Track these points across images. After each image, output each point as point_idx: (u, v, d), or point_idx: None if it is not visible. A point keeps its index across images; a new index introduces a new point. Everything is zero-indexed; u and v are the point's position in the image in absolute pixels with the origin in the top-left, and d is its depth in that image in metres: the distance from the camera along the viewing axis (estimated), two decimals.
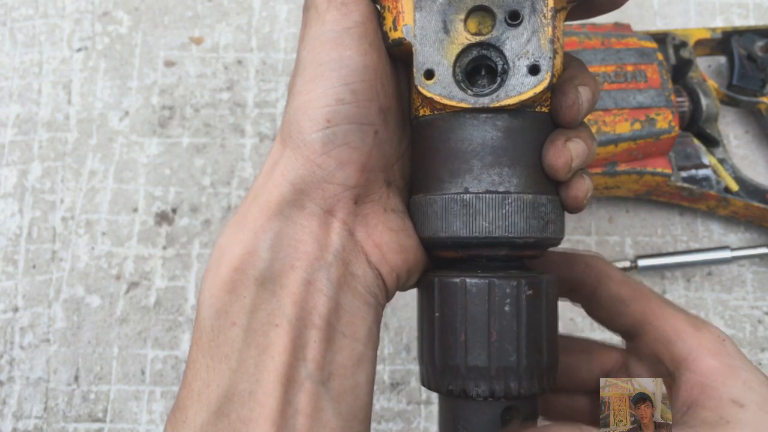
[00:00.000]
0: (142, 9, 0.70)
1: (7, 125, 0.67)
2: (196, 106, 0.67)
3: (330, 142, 0.30)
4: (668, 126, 0.57)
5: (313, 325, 0.29)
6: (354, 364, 0.30)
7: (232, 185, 0.65)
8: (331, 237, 0.30)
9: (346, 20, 0.30)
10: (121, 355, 0.61)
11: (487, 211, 0.30)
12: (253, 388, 0.28)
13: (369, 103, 0.30)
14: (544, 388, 0.32)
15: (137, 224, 0.64)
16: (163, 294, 0.62)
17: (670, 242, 0.63)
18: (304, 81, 0.30)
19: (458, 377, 0.31)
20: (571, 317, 0.61)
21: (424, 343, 0.33)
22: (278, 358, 0.28)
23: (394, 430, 0.59)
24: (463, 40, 0.30)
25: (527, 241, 0.31)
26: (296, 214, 0.30)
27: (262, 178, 0.31)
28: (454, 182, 0.31)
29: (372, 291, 0.31)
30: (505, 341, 0.31)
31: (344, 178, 0.30)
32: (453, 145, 0.31)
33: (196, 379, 0.29)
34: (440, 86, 0.30)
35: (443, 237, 0.31)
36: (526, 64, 0.30)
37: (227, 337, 0.29)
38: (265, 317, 0.29)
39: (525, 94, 0.30)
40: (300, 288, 0.29)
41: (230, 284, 0.29)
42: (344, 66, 0.30)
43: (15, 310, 0.63)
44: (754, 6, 0.71)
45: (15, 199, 0.65)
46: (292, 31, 0.69)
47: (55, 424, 0.60)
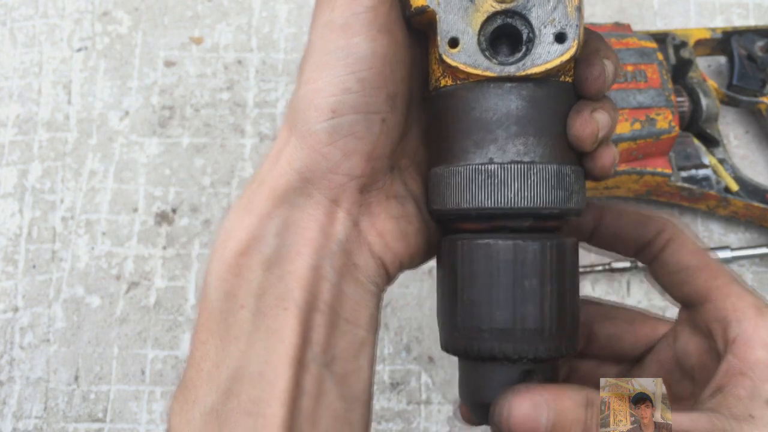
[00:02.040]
0: (142, 9, 0.70)
1: (7, 125, 0.67)
2: (196, 106, 0.67)
3: (335, 132, 0.29)
4: (668, 126, 0.57)
5: (318, 310, 0.30)
6: (356, 348, 0.30)
7: (232, 185, 0.65)
8: (336, 227, 0.31)
9: (356, 5, 0.30)
10: (121, 355, 0.61)
11: (513, 181, 0.30)
12: (263, 369, 0.29)
13: (377, 90, 0.30)
14: (564, 352, 0.32)
15: (137, 224, 0.64)
16: (163, 294, 0.62)
17: None
18: (311, 69, 0.30)
19: (481, 338, 0.31)
20: None
21: (447, 306, 0.33)
22: (287, 340, 0.29)
23: (394, 430, 0.59)
24: (488, 7, 0.30)
25: (552, 211, 0.31)
26: (303, 201, 0.30)
27: (268, 163, 0.31)
28: (478, 153, 0.31)
29: (373, 280, 0.32)
30: (530, 303, 0.30)
31: (350, 169, 0.30)
32: (477, 114, 0.31)
33: (206, 359, 0.29)
34: (465, 55, 0.30)
35: (467, 208, 0.31)
36: (552, 32, 0.30)
37: (236, 320, 0.29)
38: (273, 301, 0.29)
39: (552, 62, 0.30)
40: (307, 273, 0.30)
41: (236, 268, 0.29)
42: (351, 54, 0.29)
43: (15, 310, 0.63)
44: (754, 6, 0.71)
45: (15, 199, 0.65)
46: (292, 31, 0.69)
47: (55, 424, 0.60)
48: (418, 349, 0.61)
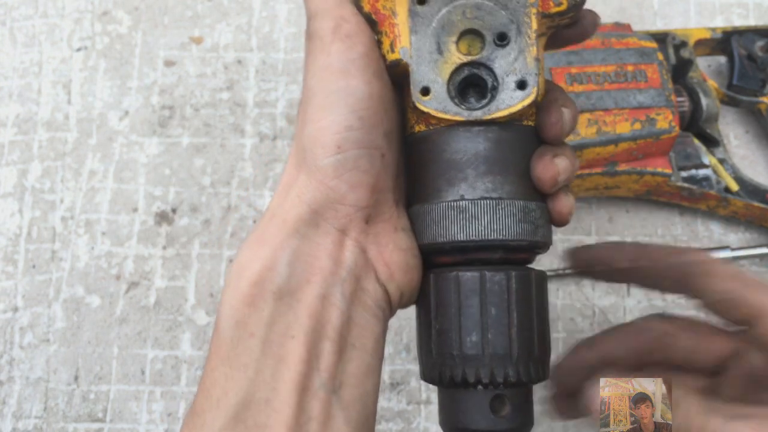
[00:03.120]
0: (142, 9, 0.70)
1: (6, 125, 0.67)
2: (196, 105, 0.67)
3: (341, 166, 0.32)
4: (668, 126, 0.57)
5: (326, 337, 0.31)
6: (363, 374, 0.32)
7: (232, 185, 0.65)
8: (345, 254, 0.32)
9: (351, 52, 0.32)
10: (121, 355, 0.61)
11: (483, 215, 0.33)
12: (269, 396, 0.30)
13: (375, 128, 0.32)
14: (534, 377, 0.33)
15: (137, 224, 0.64)
16: (163, 294, 0.62)
17: (670, 242, 0.63)
18: (315, 109, 0.32)
19: (453, 364, 0.33)
20: (571, 317, 0.61)
21: (422, 336, 0.35)
22: (294, 367, 0.30)
23: (394, 430, 0.59)
24: (455, 59, 0.33)
25: (520, 243, 0.33)
26: (312, 232, 0.32)
27: (278, 198, 0.33)
28: (450, 190, 0.33)
29: (380, 305, 0.33)
30: (497, 329, 0.32)
31: (356, 200, 0.32)
32: (448, 156, 0.33)
33: (215, 386, 0.30)
34: (436, 102, 0.33)
35: (441, 242, 0.33)
36: (514, 80, 0.33)
37: (246, 348, 0.30)
38: (282, 329, 0.31)
39: (515, 106, 0.32)
40: (315, 302, 0.31)
41: (249, 297, 0.31)
42: (351, 95, 0.32)
43: (15, 310, 0.63)
44: (754, 6, 0.71)
45: (15, 199, 0.65)
46: (292, 30, 0.69)
47: (54, 424, 0.60)
48: None
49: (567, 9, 0.33)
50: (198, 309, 0.62)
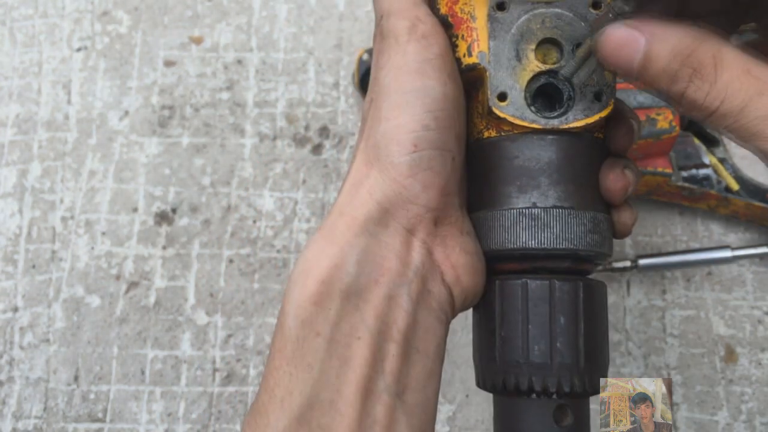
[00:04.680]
0: (142, 9, 0.70)
1: (6, 125, 0.67)
2: (196, 105, 0.67)
3: (416, 165, 0.31)
4: (669, 126, 0.57)
5: (392, 339, 0.31)
6: (425, 378, 0.32)
7: (232, 185, 0.65)
8: (412, 255, 0.32)
9: (427, 52, 0.32)
10: (121, 355, 0.61)
11: (555, 224, 0.33)
12: (334, 398, 0.29)
13: (448, 130, 0.32)
14: (597, 389, 0.33)
15: (137, 224, 0.64)
16: (162, 294, 0.62)
17: (670, 242, 0.63)
18: (390, 107, 0.32)
19: (519, 372, 0.33)
20: None
21: (483, 343, 0.35)
22: (359, 369, 0.30)
23: None
24: (534, 67, 0.33)
25: (589, 254, 0.33)
26: (381, 231, 0.32)
27: (346, 196, 0.33)
28: (522, 197, 0.33)
29: (444, 308, 0.33)
30: (564, 339, 0.32)
31: (427, 200, 0.32)
32: (521, 163, 0.34)
33: (279, 385, 0.30)
34: (513, 108, 0.33)
35: (511, 248, 0.33)
36: (591, 91, 0.33)
37: (311, 347, 0.30)
38: (348, 329, 0.30)
39: (592, 117, 0.33)
40: (382, 303, 0.31)
41: (317, 296, 0.30)
42: (428, 95, 0.32)
43: (15, 310, 0.63)
44: None
45: (15, 199, 0.65)
46: (292, 30, 0.69)
47: (54, 424, 0.60)
48: None
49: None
50: (198, 309, 0.62)
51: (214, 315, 0.62)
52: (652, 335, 0.60)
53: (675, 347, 0.60)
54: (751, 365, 0.59)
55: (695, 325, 0.60)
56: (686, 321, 0.60)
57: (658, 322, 0.61)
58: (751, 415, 0.58)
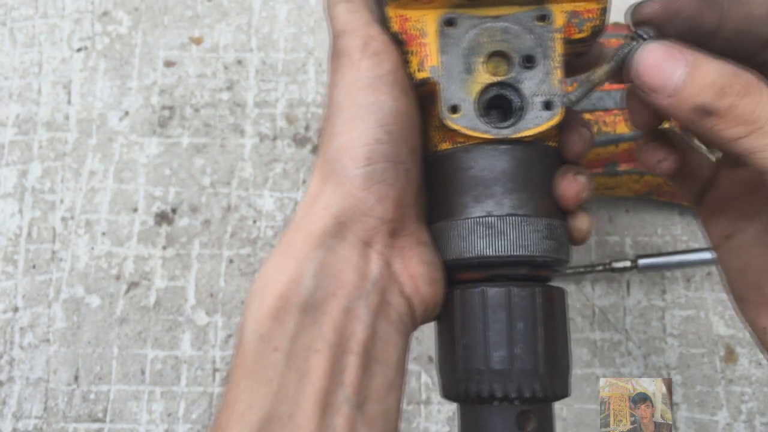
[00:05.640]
0: (142, 9, 0.70)
1: (6, 125, 0.67)
2: (196, 106, 0.67)
3: (370, 178, 0.32)
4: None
5: (351, 351, 0.31)
6: (386, 389, 0.32)
7: (232, 185, 0.65)
8: (370, 267, 0.32)
9: (379, 69, 0.33)
10: (121, 355, 0.61)
11: (510, 231, 0.33)
12: (293, 411, 0.30)
13: (402, 143, 0.33)
14: (558, 393, 0.33)
15: (137, 224, 0.64)
16: (163, 294, 0.62)
17: (670, 242, 0.63)
18: (343, 122, 0.33)
19: (480, 380, 0.33)
20: (571, 317, 0.61)
21: (446, 352, 0.35)
22: (318, 382, 0.30)
23: None
24: (484, 79, 0.34)
25: (546, 260, 0.34)
26: (338, 245, 0.32)
27: (303, 210, 0.33)
28: (477, 207, 0.34)
29: (404, 319, 0.33)
30: (524, 344, 0.33)
31: (382, 212, 0.32)
32: (475, 173, 0.34)
33: (238, 401, 0.30)
34: (465, 119, 0.34)
35: (468, 257, 0.34)
36: (541, 101, 0.34)
37: (269, 362, 0.30)
38: (306, 343, 0.30)
39: (542, 126, 0.34)
40: (340, 315, 0.31)
41: (275, 311, 0.31)
42: (380, 109, 0.32)
43: (15, 310, 0.63)
44: None
45: (15, 199, 0.65)
46: (292, 31, 0.69)
47: (55, 424, 0.60)
48: (418, 349, 0.61)
49: (588, 36, 0.34)
50: (198, 309, 0.62)
51: (214, 315, 0.62)
52: (652, 335, 0.60)
53: (675, 347, 0.60)
54: (751, 365, 0.59)
55: (695, 325, 0.60)
56: (686, 321, 0.60)
57: (658, 322, 0.61)
58: (751, 415, 0.58)
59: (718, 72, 0.28)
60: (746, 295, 0.35)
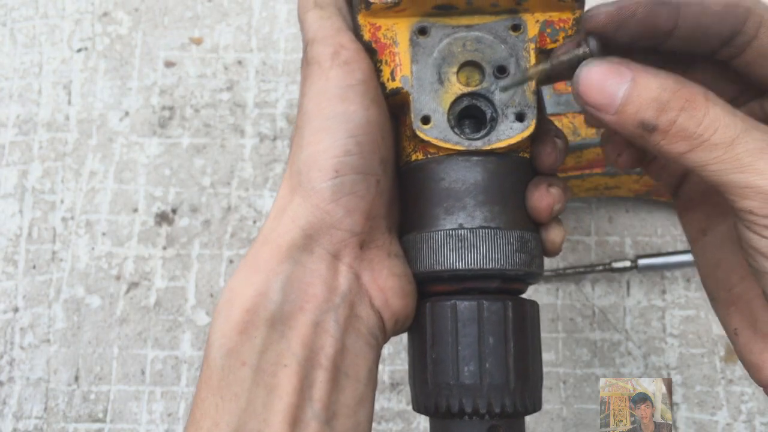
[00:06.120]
0: (142, 9, 0.70)
1: (7, 125, 0.67)
2: (196, 106, 0.67)
3: (338, 190, 0.31)
4: None
5: (320, 365, 0.30)
6: (356, 403, 0.31)
7: (232, 185, 0.65)
8: (339, 280, 0.32)
9: (350, 78, 0.32)
10: (121, 355, 0.61)
11: (482, 244, 0.33)
12: (261, 427, 0.29)
13: (372, 154, 0.32)
14: (529, 408, 0.33)
15: (137, 224, 0.64)
16: (163, 294, 0.62)
17: (670, 242, 0.63)
18: (312, 133, 0.32)
19: (449, 394, 0.33)
20: (571, 317, 0.61)
21: (417, 365, 0.35)
22: (286, 398, 0.29)
23: (394, 430, 0.59)
24: (456, 90, 0.33)
25: (517, 273, 0.33)
26: (306, 258, 0.31)
27: (271, 222, 0.32)
28: (449, 219, 0.34)
29: (374, 333, 0.33)
30: (494, 359, 0.32)
31: (351, 225, 0.32)
32: (447, 185, 0.34)
33: (205, 417, 0.30)
34: (437, 130, 0.33)
35: (439, 270, 0.33)
36: (513, 112, 0.33)
37: (237, 377, 0.30)
38: (274, 357, 0.30)
39: (514, 138, 0.33)
40: (309, 329, 0.30)
41: (242, 325, 0.30)
42: (349, 120, 0.32)
43: (15, 311, 0.63)
44: None
45: (15, 200, 0.65)
46: (292, 31, 0.69)
47: (55, 424, 0.60)
48: None
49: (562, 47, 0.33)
50: (198, 309, 0.62)
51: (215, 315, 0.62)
52: (652, 335, 0.60)
53: (675, 347, 0.60)
54: None
55: (695, 325, 0.60)
56: (686, 321, 0.60)
57: (658, 322, 0.61)
58: (751, 415, 0.58)
59: (660, 87, 0.27)
60: (717, 294, 0.34)
